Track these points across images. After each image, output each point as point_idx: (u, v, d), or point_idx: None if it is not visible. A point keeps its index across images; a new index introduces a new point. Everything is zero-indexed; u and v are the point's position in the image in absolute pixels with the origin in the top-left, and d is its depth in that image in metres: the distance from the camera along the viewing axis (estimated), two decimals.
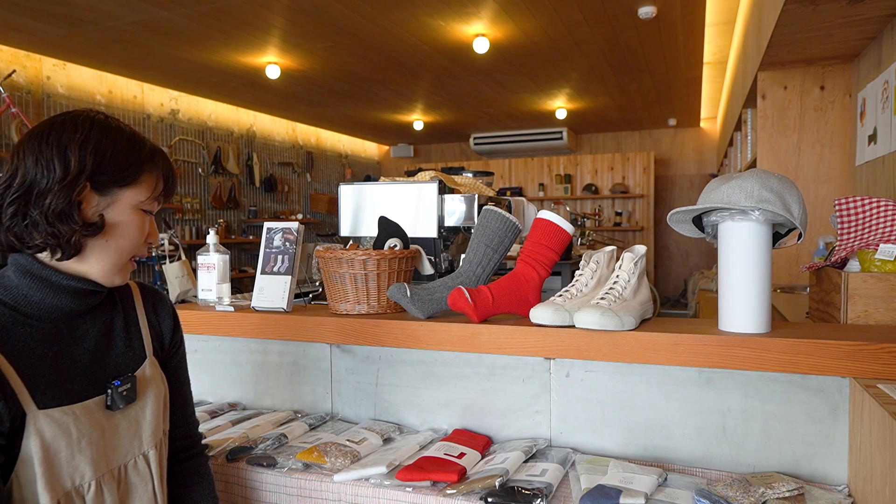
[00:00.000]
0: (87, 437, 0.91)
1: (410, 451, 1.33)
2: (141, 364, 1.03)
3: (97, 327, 0.99)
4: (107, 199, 0.93)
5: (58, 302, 0.92)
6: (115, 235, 0.94)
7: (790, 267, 3.42)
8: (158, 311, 1.11)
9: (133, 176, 0.94)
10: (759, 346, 1.14)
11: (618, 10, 4.12)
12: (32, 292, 0.90)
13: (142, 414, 1.01)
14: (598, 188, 8.41)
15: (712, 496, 1.05)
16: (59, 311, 0.93)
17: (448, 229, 1.87)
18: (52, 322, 0.92)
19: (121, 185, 0.93)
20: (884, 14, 2.52)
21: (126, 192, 0.94)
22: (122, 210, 0.94)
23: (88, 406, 0.93)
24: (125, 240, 0.95)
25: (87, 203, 0.91)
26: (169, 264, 1.88)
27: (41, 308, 0.91)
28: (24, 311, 0.90)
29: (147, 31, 4.49)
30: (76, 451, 0.90)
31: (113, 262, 0.95)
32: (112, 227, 0.93)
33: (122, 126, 0.96)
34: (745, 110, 4.34)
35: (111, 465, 0.95)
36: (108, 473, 0.94)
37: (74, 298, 0.94)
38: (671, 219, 1.31)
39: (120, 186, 0.93)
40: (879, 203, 1.48)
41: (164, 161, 1.00)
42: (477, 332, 1.34)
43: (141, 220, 0.96)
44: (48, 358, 0.90)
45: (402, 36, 4.63)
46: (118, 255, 0.95)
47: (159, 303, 1.12)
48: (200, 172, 6.78)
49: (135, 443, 0.99)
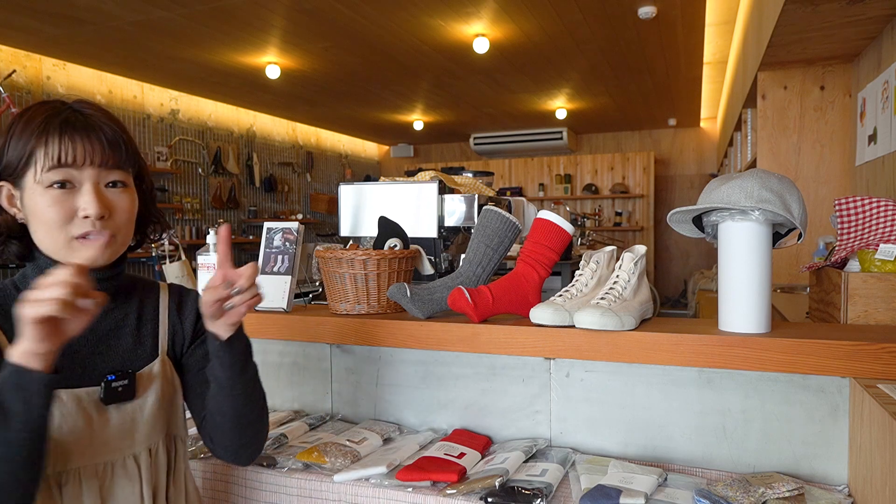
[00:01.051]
0: (69, 424, 0.91)
1: (410, 451, 1.33)
2: (149, 363, 1.02)
3: (108, 321, 1.00)
4: (20, 190, 0.93)
5: None
6: (35, 223, 0.92)
7: (790, 267, 3.42)
8: (183, 307, 1.10)
9: (24, 158, 0.91)
10: (759, 346, 1.14)
11: (618, 10, 4.12)
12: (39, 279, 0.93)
13: (139, 413, 0.99)
14: (598, 188, 8.41)
15: (712, 496, 1.05)
16: None
17: (448, 229, 1.87)
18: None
19: (21, 171, 0.91)
20: (884, 14, 2.52)
21: (27, 177, 0.91)
22: (29, 196, 0.92)
23: (78, 394, 0.93)
24: (43, 224, 0.92)
25: (9, 201, 0.94)
26: (169, 264, 1.88)
27: None
28: None
29: (147, 31, 4.49)
30: (56, 436, 0.89)
31: (49, 248, 0.93)
32: (30, 215, 0.93)
33: (32, 108, 0.93)
34: (745, 110, 4.34)
35: (95, 459, 0.94)
36: (91, 467, 0.93)
37: None
38: (671, 219, 1.31)
39: (21, 174, 0.92)
40: (879, 203, 1.48)
41: (56, 127, 0.90)
42: (477, 332, 1.34)
43: (50, 198, 0.90)
44: None
45: (402, 36, 4.63)
46: (49, 240, 0.92)
47: (185, 299, 1.11)
48: (200, 172, 6.78)
49: (126, 442, 0.97)
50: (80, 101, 0.97)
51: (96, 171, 0.92)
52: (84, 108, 0.95)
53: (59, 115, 0.92)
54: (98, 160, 0.92)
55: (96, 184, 0.93)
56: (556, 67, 5.53)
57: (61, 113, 0.92)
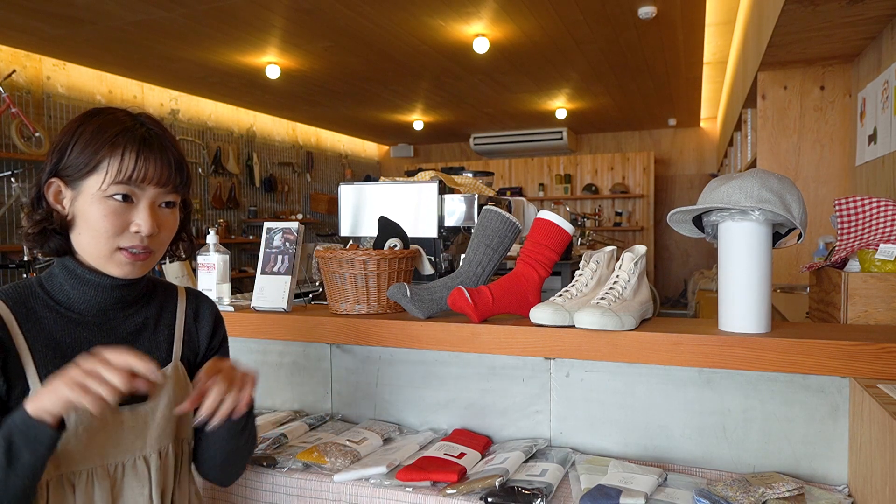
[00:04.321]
0: (85, 424, 0.92)
1: (410, 451, 1.33)
2: (164, 366, 1.04)
3: (128, 324, 1.03)
4: (75, 191, 0.94)
5: (84, 293, 0.97)
6: (84, 227, 0.94)
7: (790, 267, 3.42)
8: (199, 316, 1.13)
9: (91, 164, 0.93)
10: (759, 346, 1.14)
11: (618, 10, 4.12)
12: (65, 283, 0.97)
13: (151, 415, 1.00)
14: (598, 188, 8.41)
15: (712, 496, 1.05)
16: (88, 302, 0.98)
17: (448, 229, 1.87)
18: (82, 312, 0.98)
19: (83, 175, 0.93)
20: (884, 14, 2.52)
21: (87, 182, 0.93)
22: (85, 200, 0.94)
23: None
24: (92, 230, 0.94)
25: (55, 197, 0.96)
26: (169, 264, 1.88)
27: (71, 297, 0.97)
28: (57, 298, 0.97)
29: (147, 31, 4.49)
30: (71, 437, 0.91)
31: (91, 253, 0.96)
32: (80, 218, 0.95)
33: (102, 114, 0.96)
34: (745, 110, 4.34)
35: (106, 460, 0.95)
36: (102, 468, 0.95)
37: (99, 291, 0.98)
38: (671, 219, 1.31)
39: (82, 177, 0.93)
40: (879, 203, 1.48)
41: (134, 143, 0.94)
42: (477, 332, 1.34)
43: (107, 208, 0.93)
44: (66, 342, 0.95)
45: (402, 36, 4.63)
46: (94, 246, 0.95)
47: (202, 308, 1.14)
48: (200, 172, 6.78)
49: (137, 443, 0.99)
50: (147, 116, 1.00)
51: (157, 190, 0.96)
52: (154, 127, 0.98)
53: (135, 130, 0.95)
54: (163, 181, 0.96)
55: (153, 202, 0.97)
56: (556, 67, 5.53)
57: (136, 128, 0.95)
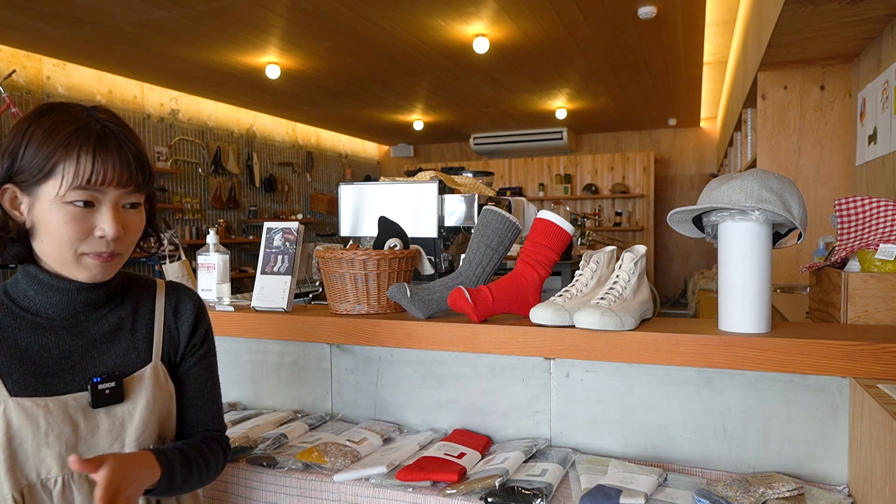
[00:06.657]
0: (56, 431, 0.91)
1: (410, 451, 1.33)
2: (143, 367, 1.01)
3: (102, 325, 0.99)
4: (32, 197, 0.90)
5: (50, 298, 0.95)
6: (45, 234, 0.90)
7: (790, 267, 3.42)
8: (179, 312, 1.07)
9: (46, 170, 0.87)
10: (759, 346, 1.14)
11: (618, 10, 4.12)
12: (29, 289, 0.95)
13: (128, 417, 0.97)
14: (598, 188, 8.41)
15: (712, 496, 1.05)
16: (55, 307, 0.95)
17: (448, 229, 1.87)
18: (51, 317, 0.95)
19: (37, 181, 0.88)
20: (884, 14, 2.52)
21: (43, 188, 0.88)
22: (43, 206, 0.89)
23: (64, 401, 0.92)
24: (54, 237, 0.89)
25: (11, 204, 0.91)
26: (169, 264, 1.88)
27: (37, 303, 0.95)
28: (22, 304, 0.95)
29: (147, 31, 4.49)
30: (42, 444, 0.89)
31: (55, 259, 0.92)
32: (40, 226, 0.90)
33: (53, 112, 0.90)
34: (745, 110, 4.34)
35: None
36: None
37: (65, 295, 0.95)
38: (671, 219, 1.31)
39: (37, 183, 0.88)
40: (879, 203, 1.48)
41: (89, 143, 0.88)
42: (477, 332, 1.34)
43: (68, 214, 0.88)
44: (33, 349, 0.93)
45: (402, 36, 4.63)
46: (57, 253, 0.91)
47: (182, 303, 1.08)
48: (200, 172, 6.78)
49: (115, 445, 0.96)
50: (102, 110, 0.94)
51: (119, 191, 0.91)
52: (109, 124, 0.92)
53: (89, 128, 0.89)
54: (123, 181, 0.91)
55: (116, 204, 0.92)
56: (556, 67, 5.53)
57: (91, 126, 0.90)
